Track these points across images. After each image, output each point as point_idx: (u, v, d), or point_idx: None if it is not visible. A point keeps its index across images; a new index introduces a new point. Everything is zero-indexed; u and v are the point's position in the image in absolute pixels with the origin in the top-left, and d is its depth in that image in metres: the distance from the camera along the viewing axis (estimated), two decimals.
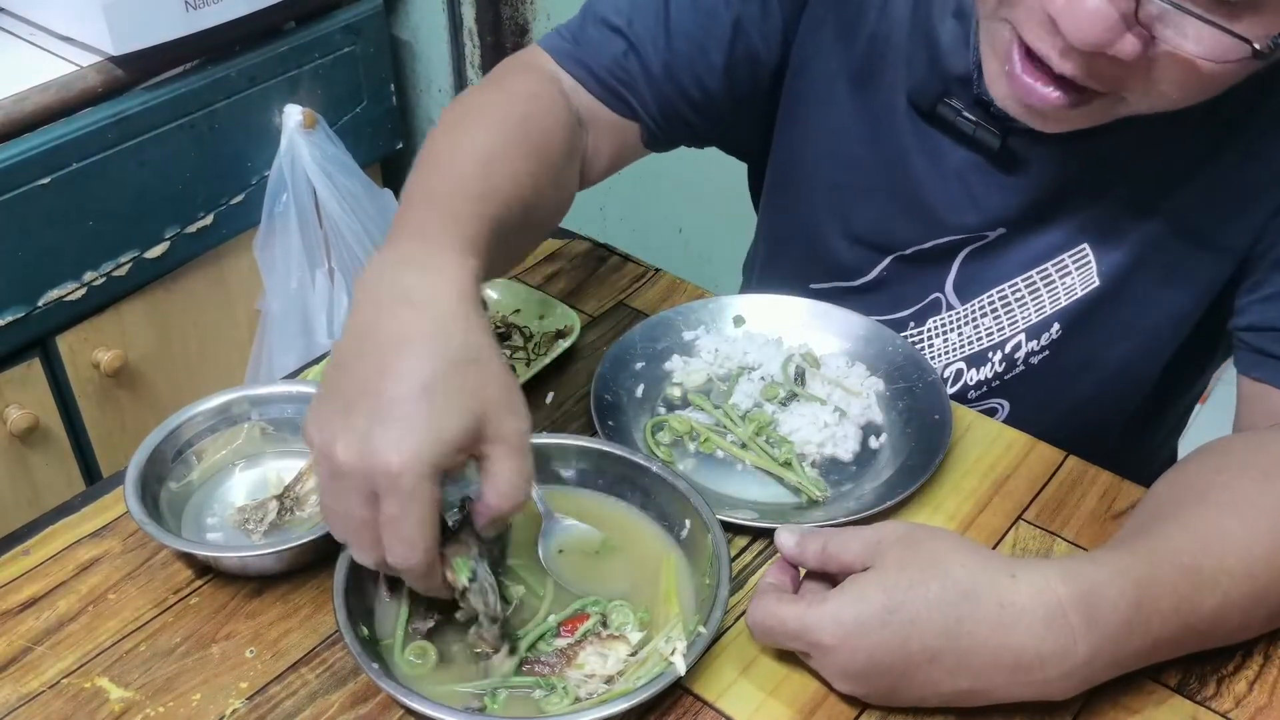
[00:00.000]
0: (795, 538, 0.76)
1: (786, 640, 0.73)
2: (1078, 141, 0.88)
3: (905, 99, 0.95)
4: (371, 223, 1.91)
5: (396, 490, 0.64)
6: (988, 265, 0.98)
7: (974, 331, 1.00)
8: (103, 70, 1.59)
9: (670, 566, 0.81)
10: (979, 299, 0.99)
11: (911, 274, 1.01)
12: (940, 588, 0.69)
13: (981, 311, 0.99)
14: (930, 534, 0.73)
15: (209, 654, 0.78)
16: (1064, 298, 0.96)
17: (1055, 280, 0.95)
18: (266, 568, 0.82)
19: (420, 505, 0.64)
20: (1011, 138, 0.91)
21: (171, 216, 1.73)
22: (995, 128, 0.91)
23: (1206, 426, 1.24)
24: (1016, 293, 0.97)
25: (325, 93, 1.88)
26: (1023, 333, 0.98)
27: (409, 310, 0.67)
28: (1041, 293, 0.96)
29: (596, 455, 0.87)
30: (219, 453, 0.91)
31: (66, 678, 0.77)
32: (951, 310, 1.01)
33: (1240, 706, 0.74)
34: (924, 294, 1.02)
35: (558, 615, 0.77)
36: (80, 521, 0.88)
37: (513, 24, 1.96)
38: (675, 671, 0.72)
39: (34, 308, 1.60)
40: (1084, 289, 0.95)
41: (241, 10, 1.69)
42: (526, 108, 0.89)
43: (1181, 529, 0.74)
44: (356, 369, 0.66)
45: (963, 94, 0.92)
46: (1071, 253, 0.94)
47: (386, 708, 0.74)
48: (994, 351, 0.99)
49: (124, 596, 0.82)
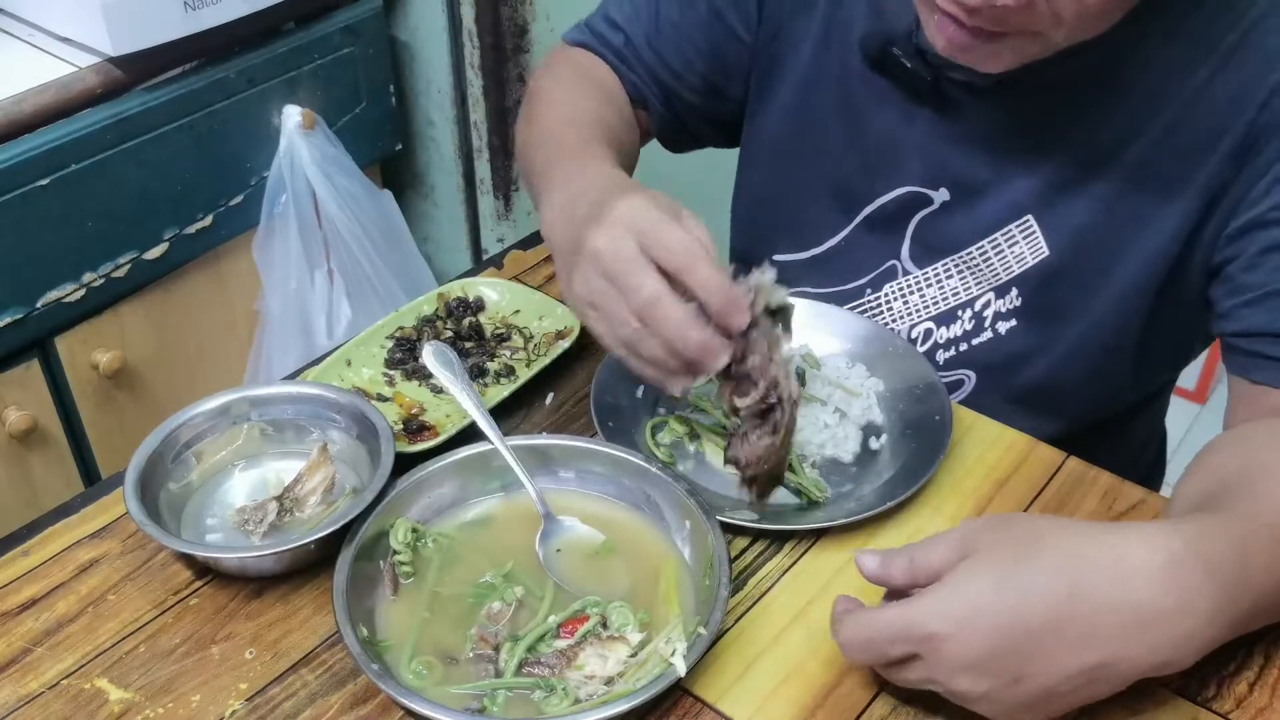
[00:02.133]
0: (877, 558, 0.72)
1: (891, 645, 0.68)
2: (1011, 99, 0.92)
3: (858, 54, 1.01)
4: (370, 223, 1.91)
5: (651, 222, 0.73)
6: (941, 234, 1.01)
7: (938, 292, 1.02)
8: (101, 71, 1.59)
9: (670, 568, 0.81)
10: (939, 263, 1.01)
11: (869, 242, 1.05)
12: (1049, 556, 0.66)
13: (947, 273, 1.01)
14: (1017, 515, 0.72)
15: (208, 655, 0.78)
16: (1016, 266, 0.98)
17: (1005, 249, 0.98)
18: (266, 569, 0.82)
19: (634, 258, 0.72)
20: (946, 83, 0.96)
21: (170, 217, 1.73)
22: (929, 73, 0.96)
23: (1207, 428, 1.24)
24: (973, 259, 0.99)
25: (324, 93, 1.87)
26: (991, 290, 1.00)
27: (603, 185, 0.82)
28: (994, 261, 0.98)
29: (597, 456, 0.87)
30: (218, 454, 0.90)
31: (66, 679, 0.76)
32: (909, 275, 1.03)
33: (1241, 708, 0.74)
34: (880, 261, 1.04)
35: (558, 616, 0.77)
36: (79, 523, 0.88)
37: (512, 24, 1.96)
38: (675, 673, 0.72)
39: (33, 309, 1.60)
40: (1035, 258, 0.96)
41: (241, 11, 1.68)
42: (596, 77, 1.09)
43: (1254, 498, 0.72)
44: (575, 223, 0.79)
45: (906, 45, 0.97)
46: (1018, 222, 0.97)
47: (386, 709, 0.74)
48: (963, 310, 1.01)
49: (123, 597, 0.82)
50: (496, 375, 1.00)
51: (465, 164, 2.16)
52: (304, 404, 0.92)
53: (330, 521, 0.81)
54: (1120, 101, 0.90)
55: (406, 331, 1.04)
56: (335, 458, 0.88)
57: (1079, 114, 0.92)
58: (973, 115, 0.96)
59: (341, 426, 0.91)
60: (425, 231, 2.32)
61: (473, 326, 1.04)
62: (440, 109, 2.12)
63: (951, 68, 0.93)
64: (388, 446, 0.85)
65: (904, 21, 0.96)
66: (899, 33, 0.97)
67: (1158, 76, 0.89)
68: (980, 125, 0.96)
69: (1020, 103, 0.94)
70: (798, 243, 1.09)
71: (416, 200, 2.29)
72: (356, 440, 0.90)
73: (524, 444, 0.87)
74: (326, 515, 0.85)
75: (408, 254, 2.03)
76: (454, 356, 0.92)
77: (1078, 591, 0.64)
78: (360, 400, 0.91)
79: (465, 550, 0.84)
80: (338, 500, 0.87)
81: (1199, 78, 0.87)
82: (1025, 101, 0.93)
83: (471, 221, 2.25)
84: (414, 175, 2.25)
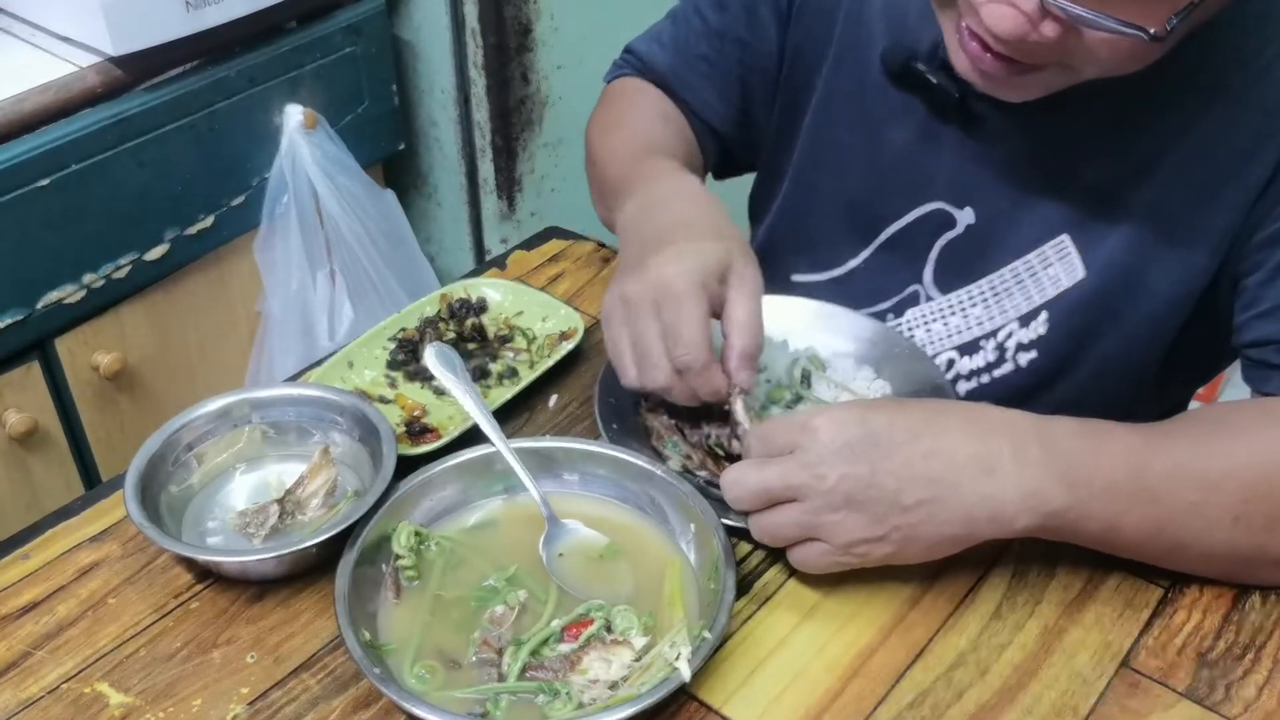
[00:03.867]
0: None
1: (776, 435, 0.77)
2: (1041, 114, 0.89)
3: (878, 70, 1.00)
4: (373, 223, 1.91)
5: (672, 297, 0.80)
6: (967, 258, 0.99)
7: (962, 320, 1.01)
8: (102, 71, 1.59)
9: (675, 571, 0.81)
10: (965, 289, 1.00)
11: (890, 264, 1.03)
12: (913, 406, 0.79)
13: (971, 301, 1.00)
14: None
15: (209, 659, 0.77)
16: (1051, 289, 0.96)
17: (1039, 272, 0.96)
18: (267, 572, 0.82)
19: (694, 307, 0.80)
20: (972, 99, 0.94)
21: (171, 218, 1.73)
22: (955, 89, 0.94)
23: None
24: (1004, 283, 0.98)
25: (326, 93, 1.87)
26: (1015, 320, 0.98)
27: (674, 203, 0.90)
28: (1028, 284, 0.97)
29: (601, 459, 0.86)
30: (219, 456, 0.90)
31: (66, 683, 0.76)
32: (931, 301, 1.02)
33: (1249, 712, 0.74)
34: (902, 286, 1.03)
35: (561, 620, 0.77)
36: (80, 525, 0.87)
37: (515, 24, 1.96)
38: (680, 677, 0.71)
39: (33, 310, 1.60)
40: (1070, 280, 0.95)
41: (241, 10, 1.68)
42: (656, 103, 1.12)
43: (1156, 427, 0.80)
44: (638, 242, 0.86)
45: (930, 60, 0.96)
46: (1053, 244, 0.95)
47: (388, 713, 0.74)
48: (986, 340, 1.00)
49: (124, 601, 0.82)
50: (499, 377, 0.99)
51: (468, 164, 2.16)
52: (305, 406, 0.91)
53: (332, 524, 0.81)
54: (1159, 111, 0.88)
55: (409, 333, 1.03)
56: (337, 460, 0.88)
57: (1115, 127, 0.90)
58: (1002, 133, 0.94)
59: (343, 429, 0.90)
60: (428, 232, 2.32)
61: (475, 328, 1.04)
62: (443, 108, 2.11)
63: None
64: (390, 449, 0.85)
65: (927, 36, 0.95)
66: (923, 48, 0.96)
67: (1198, 85, 0.87)
68: (1010, 143, 0.94)
69: (1052, 119, 0.91)
70: (817, 264, 1.08)
71: (419, 200, 2.28)
72: (358, 442, 0.89)
73: (527, 446, 0.86)
74: (328, 518, 0.85)
75: (410, 254, 2.02)
76: (456, 358, 0.91)
77: (935, 422, 0.76)
78: (362, 402, 0.90)
79: (468, 553, 0.83)
80: (339, 503, 0.86)
81: (1238, 84, 0.86)
82: (1058, 118, 0.91)
83: (474, 222, 2.25)
84: (417, 175, 2.25)
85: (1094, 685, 0.75)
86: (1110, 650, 0.77)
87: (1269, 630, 0.79)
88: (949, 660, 0.77)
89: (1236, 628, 0.79)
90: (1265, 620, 0.79)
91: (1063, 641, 0.78)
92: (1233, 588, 0.81)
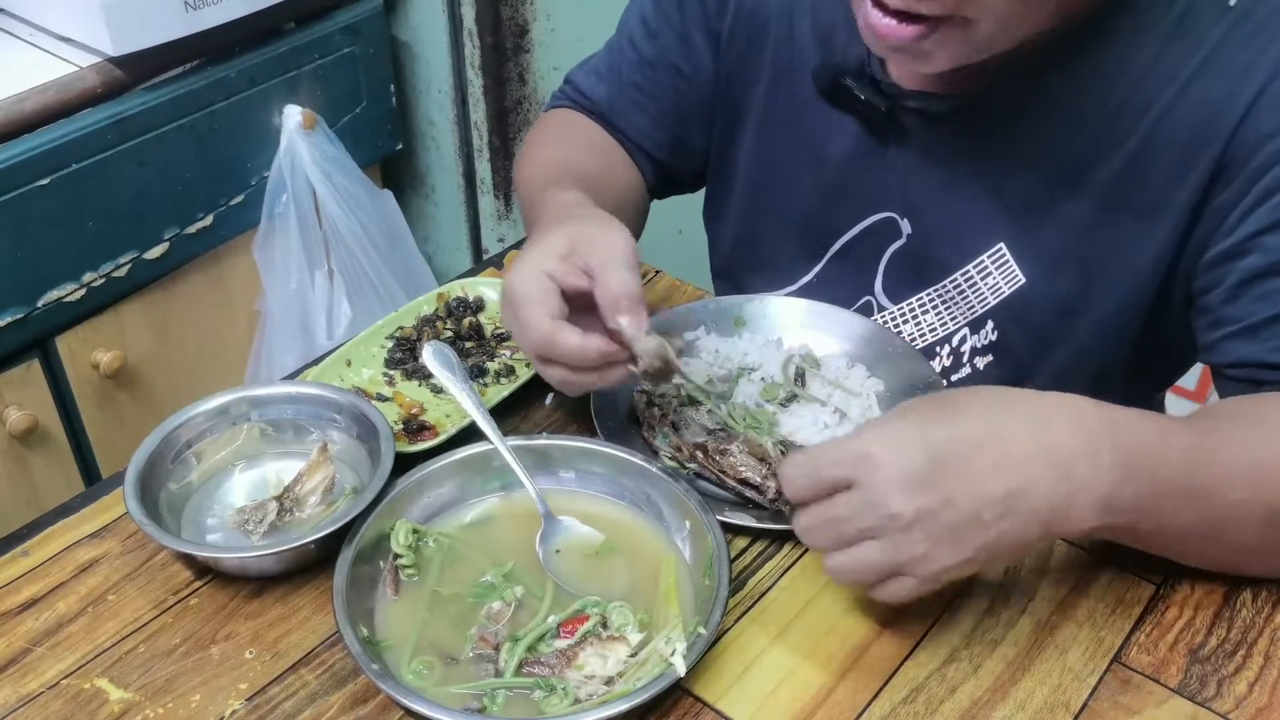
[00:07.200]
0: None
1: (830, 468, 0.71)
2: (967, 125, 0.92)
3: (812, 89, 1.01)
4: (371, 223, 1.91)
5: (516, 301, 0.82)
6: (911, 267, 1.00)
7: (915, 328, 1.02)
8: (102, 71, 1.59)
9: (670, 567, 0.81)
10: (914, 297, 1.01)
11: (843, 275, 1.04)
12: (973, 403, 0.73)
13: (923, 308, 1.01)
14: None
15: (208, 655, 0.78)
16: (992, 297, 0.96)
17: (978, 281, 0.97)
18: (266, 569, 0.82)
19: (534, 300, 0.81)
20: (901, 112, 0.95)
21: (171, 217, 1.73)
22: (884, 103, 0.95)
23: None
24: (948, 292, 0.99)
25: (325, 93, 1.87)
26: (965, 326, 0.99)
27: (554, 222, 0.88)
28: (969, 294, 0.98)
29: (596, 456, 0.87)
30: (218, 454, 0.90)
31: (66, 679, 0.77)
32: (884, 310, 1.03)
33: (1240, 707, 0.74)
34: (855, 297, 1.04)
35: (557, 616, 0.77)
36: (80, 522, 0.88)
37: (512, 24, 1.96)
38: (675, 673, 0.72)
39: (33, 309, 1.60)
40: (1011, 287, 0.95)
41: (241, 11, 1.68)
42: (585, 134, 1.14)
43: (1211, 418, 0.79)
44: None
45: (859, 76, 0.97)
46: (990, 253, 0.95)
47: (386, 709, 0.74)
48: (941, 346, 1.01)
49: (123, 597, 0.82)
50: (496, 375, 1.00)
51: (466, 164, 2.16)
52: (304, 404, 0.92)
53: (330, 521, 0.81)
54: (1081, 124, 0.88)
55: (406, 331, 1.04)
56: (335, 458, 0.88)
57: (1039, 137, 0.90)
58: (930, 144, 0.95)
59: (341, 426, 0.91)
60: (425, 231, 2.32)
61: (473, 326, 1.04)
62: (441, 109, 2.12)
63: (907, 96, 0.93)
64: (387, 446, 0.85)
65: (855, 53, 0.96)
66: (850, 64, 0.97)
67: (1117, 100, 0.87)
68: (939, 154, 0.95)
69: (978, 128, 0.92)
70: (773, 282, 1.09)
71: (417, 200, 2.29)
72: (356, 440, 0.90)
73: (524, 444, 0.87)
74: (326, 515, 0.85)
75: (408, 254, 2.03)
76: (454, 356, 0.92)
77: (998, 426, 0.71)
78: (360, 400, 0.91)
79: (465, 550, 0.84)
80: (338, 500, 0.87)
81: (1164, 100, 0.85)
82: (983, 126, 0.92)
83: (472, 221, 2.25)
84: (414, 175, 2.25)
85: (1086, 681, 0.75)
86: (1102, 646, 0.78)
87: (1260, 627, 0.79)
88: (942, 655, 0.77)
89: (1228, 624, 0.79)
90: (1256, 617, 0.80)
91: (1055, 637, 0.78)
92: (1224, 584, 0.81)
